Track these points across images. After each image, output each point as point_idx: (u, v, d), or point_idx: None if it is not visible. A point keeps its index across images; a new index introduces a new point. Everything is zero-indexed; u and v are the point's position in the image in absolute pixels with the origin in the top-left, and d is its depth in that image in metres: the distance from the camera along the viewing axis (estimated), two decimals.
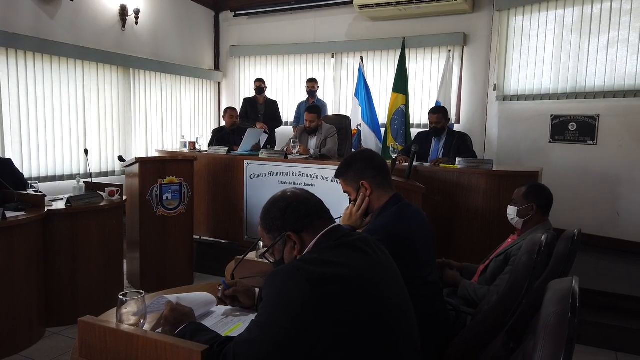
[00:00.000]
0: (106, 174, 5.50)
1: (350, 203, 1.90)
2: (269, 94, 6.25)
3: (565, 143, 4.88)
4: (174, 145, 6.38)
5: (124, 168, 4.15)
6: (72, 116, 5.09)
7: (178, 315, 1.33)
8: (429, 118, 4.34)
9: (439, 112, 4.29)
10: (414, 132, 5.21)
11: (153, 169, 3.86)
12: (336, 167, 1.93)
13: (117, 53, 5.54)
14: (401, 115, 5.60)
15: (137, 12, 5.67)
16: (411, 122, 5.79)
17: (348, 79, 6.55)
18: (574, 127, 4.81)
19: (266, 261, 1.43)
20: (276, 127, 6.01)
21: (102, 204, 3.36)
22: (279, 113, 6.09)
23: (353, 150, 5.35)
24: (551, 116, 4.96)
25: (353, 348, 1.09)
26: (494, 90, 5.49)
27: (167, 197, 3.92)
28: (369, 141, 5.85)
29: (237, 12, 7.11)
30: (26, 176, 4.09)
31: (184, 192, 4.02)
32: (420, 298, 1.47)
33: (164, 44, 6.32)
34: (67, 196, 3.29)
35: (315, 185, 3.99)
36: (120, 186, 3.60)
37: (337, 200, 2.54)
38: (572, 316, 0.82)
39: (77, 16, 5.12)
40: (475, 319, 1.85)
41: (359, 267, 1.20)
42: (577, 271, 1.46)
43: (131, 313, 1.30)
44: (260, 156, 4.40)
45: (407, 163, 3.71)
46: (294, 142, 4.37)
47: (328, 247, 1.25)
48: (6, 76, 4.46)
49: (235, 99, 7.20)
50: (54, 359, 2.82)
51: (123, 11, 5.57)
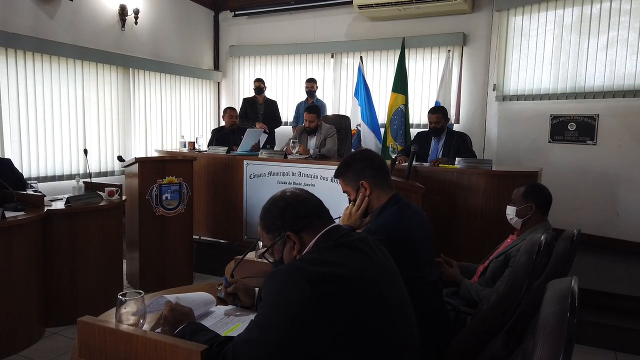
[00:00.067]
0: (105, 174, 5.50)
1: (349, 203, 1.90)
2: (269, 94, 6.25)
3: (564, 143, 4.88)
4: (174, 145, 6.38)
5: (124, 168, 4.15)
6: (72, 116, 5.09)
7: (177, 315, 1.33)
8: (429, 118, 4.35)
9: (439, 112, 4.29)
10: (414, 132, 5.21)
11: (152, 169, 3.86)
12: (335, 167, 1.94)
13: (117, 53, 5.54)
14: (401, 115, 5.60)
15: (137, 12, 5.67)
16: (411, 122, 5.79)
17: (347, 79, 6.55)
18: (574, 127, 4.81)
19: (265, 261, 1.43)
20: (276, 127, 6.02)
21: (102, 204, 3.36)
22: (279, 113, 6.09)
23: (352, 150, 5.35)
24: (550, 116, 4.96)
25: (352, 348, 1.09)
26: (494, 90, 5.49)
27: (167, 197, 3.92)
28: (369, 141, 5.85)
29: (237, 12, 7.11)
30: (25, 176, 4.09)
31: (184, 192, 4.02)
32: (419, 298, 1.47)
33: (164, 44, 6.32)
34: (67, 196, 3.28)
35: (314, 185, 3.99)
36: (119, 186, 3.60)
37: (337, 200, 2.53)
38: (571, 316, 0.82)
39: (77, 16, 5.12)
40: (474, 319, 1.85)
41: (359, 267, 1.20)
42: (577, 271, 1.46)
43: (130, 313, 1.30)
44: (259, 156, 4.40)
45: (407, 163, 3.72)
46: (294, 142, 4.38)
47: (327, 247, 1.25)
48: (5, 76, 4.46)
49: (234, 99, 7.20)
50: (54, 359, 2.82)
51: (122, 11, 5.57)
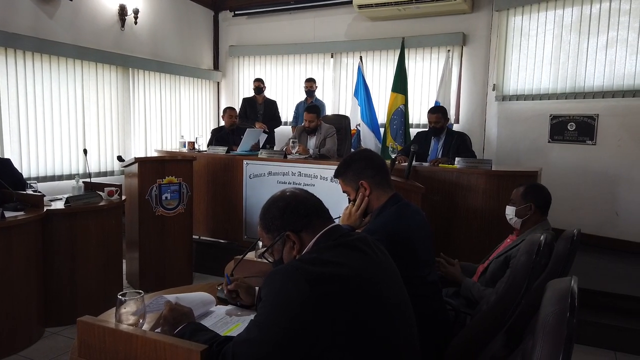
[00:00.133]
0: (105, 174, 5.50)
1: (349, 203, 1.90)
2: (268, 94, 6.25)
3: (564, 143, 4.88)
4: (173, 145, 6.38)
5: (123, 168, 4.15)
6: (71, 116, 5.09)
7: (177, 315, 1.33)
8: (428, 118, 4.35)
9: (438, 112, 4.29)
10: (413, 132, 5.22)
11: (152, 169, 3.86)
12: (335, 167, 1.94)
13: (116, 53, 5.54)
14: (400, 115, 5.60)
15: (136, 12, 5.67)
16: (410, 122, 5.80)
17: (347, 79, 6.55)
18: (573, 127, 4.81)
19: (265, 261, 1.43)
20: (275, 127, 6.02)
21: (101, 204, 3.36)
22: (278, 113, 6.09)
23: (352, 150, 5.35)
24: (550, 116, 4.96)
25: (352, 347, 1.09)
26: (493, 90, 5.49)
27: (166, 197, 3.92)
28: (368, 141, 5.85)
29: (236, 12, 7.11)
30: (25, 176, 4.09)
31: (183, 192, 4.02)
32: (419, 298, 1.47)
33: (163, 44, 6.32)
34: (66, 196, 3.28)
35: (314, 185, 3.99)
36: (119, 186, 3.60)
37: (336, 200, 2.53)
38: (571, 316, 0.83)
39: (76, 16, 5.11)
40: (474, 319, 1.85)
41: (358, 267, 1.20)
42: (577, 271, 1.46)
43: (130, 313, 1.30)
44: (259, 156, 4.40)
45: (407, 163, 3.72)
46: (293, 142, 4.37)
47: (327, 247, 1.25)
48: (5, 76, 4.46)
49: (234, 99, 7.20)
50: (53, 359, 2.82)
51: (122, 11, 5.57)
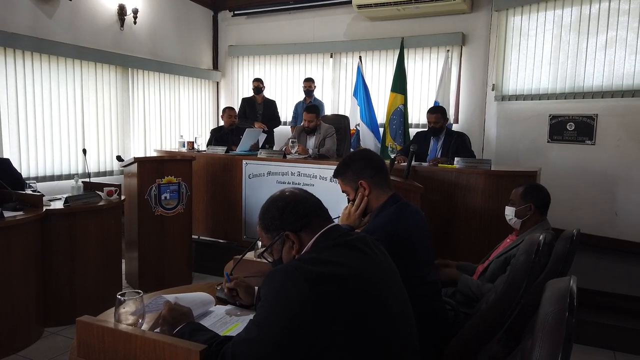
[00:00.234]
0: (104, 174, 5.49)
1: (348, 203, 1.90)
2: (268, 94, 6.24)
3: (563, 143, 4.88)
4: (173, 145, 6.37)
5: (123, 168, 4.14)
6: (71, 116, 5.09)
7: (176, 315, 1.33)
8: (428, 118, 4.35)
9: (437, 112, 4.29)
10: (413, 132, 5.22)
11: (151, 169, 3.86)
12: (334, 167, 1.94)
13: (116, 52, 5.54)
14: (400, 115, 5.60)
15: (136, 12, 5.66)
16: (410, 122, 5.79)
17: (347, 79, 6.55)
18: (572, 127, 4.82)
19: (265, 261, 1.43)
20: (275, 127, 6.01)
21: (101, 204, 3.36)
22: (278, 113, 6.09)
23: (352, 150, 5.35)
24: (549, 116, 4.96)
25: (351, 347, 1.09)
26: (493, 90, 5.49)
27: (166, 197, 3.92)
28: (368, 141, 5.85)
29: (236, 12, 7.11)
30: (24, 176, 4.09)
31: (183, 192, 4.02)
32: (418, 297, 1.47)
33: (163, 44, 6.31)
34: (66, 196, 3.28)
35: (313, 185, 3.99)
36: (118, 186, 3.59)
37: (336, 199, 2.53)
38: (570, 315, 0.83)
39: (76, 16, 5.11)
40: (473, 319, 1.85)
41: (357, 267, 1.20)
42: (576, 271, 1.46)
43: (129, 313, 1.30)
44: (258, 156, 4.41)
45: (406, 163, 3.72)
46: (293, 142, 4.37)
47: (326, 247, 1.25)
48: (4, 76, 4.45)
49: (233, 99, 7.19)
50: (52, 359, 2.82)
51: (121, 11, 5.57)
